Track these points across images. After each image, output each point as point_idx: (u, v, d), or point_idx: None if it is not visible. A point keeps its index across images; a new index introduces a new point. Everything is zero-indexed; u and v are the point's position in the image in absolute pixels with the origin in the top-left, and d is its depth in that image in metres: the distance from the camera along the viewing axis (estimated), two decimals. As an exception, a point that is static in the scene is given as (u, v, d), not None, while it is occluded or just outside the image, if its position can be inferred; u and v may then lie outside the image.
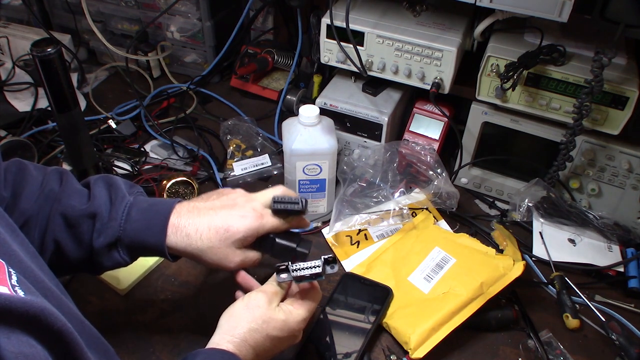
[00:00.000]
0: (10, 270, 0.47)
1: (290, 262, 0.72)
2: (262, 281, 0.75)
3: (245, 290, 0.76)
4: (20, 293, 0.46)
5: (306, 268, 0.71)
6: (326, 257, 0.71)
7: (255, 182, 1.13)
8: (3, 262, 0.48)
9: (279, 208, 0.76)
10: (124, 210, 0.71)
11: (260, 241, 0.77)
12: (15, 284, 0.46)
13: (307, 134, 0.95)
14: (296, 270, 0.71)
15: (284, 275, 0.71)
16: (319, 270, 0.70)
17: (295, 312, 0.71)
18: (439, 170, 1.01)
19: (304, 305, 0.72)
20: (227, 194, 0.79)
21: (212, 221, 0.73)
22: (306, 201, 0.77)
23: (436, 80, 1.00)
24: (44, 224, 0.70)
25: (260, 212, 0.76)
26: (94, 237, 0.71)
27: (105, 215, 0.71)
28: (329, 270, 0.71)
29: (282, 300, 0.73)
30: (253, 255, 0.76)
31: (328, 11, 1.00)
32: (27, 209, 0.70)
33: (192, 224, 0.73)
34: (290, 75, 1.28)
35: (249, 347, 0.67)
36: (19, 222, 0.69)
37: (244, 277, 0.77)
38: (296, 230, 0.86)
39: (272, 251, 0.78)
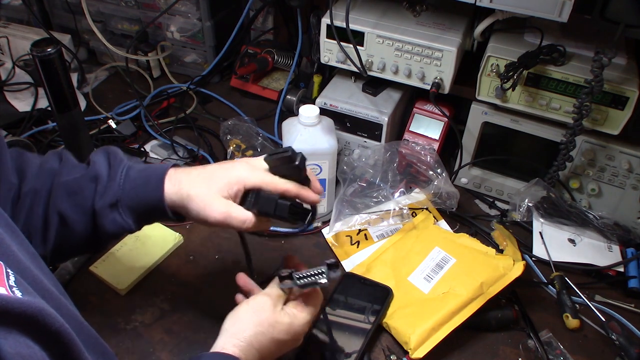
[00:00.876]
0: (8, 270, 0.47)
1: (293, 270, 0.71)
2: (263, 285, 0.75)
3: (245, 293, 0.76)
4: (18, 294, 0.46)
5: (310, 276, 0.70)
6: (329, 262, 0.70)
7: (255, 182, 1.13)
8: (1, 262, 0.48)
9: (270, 157, 0.71)
10: (122, 171, 0.71)
11: (249, 198, 0.71)
12: (13, 284, 0.46)
13: (307, 134, 0.95)
14: (301, 279, 0.70)
15: (287, 281, 0.71)
16: (324, 279, 0.70)
17: (300, 315, 0.71)
18: (439, 170, 1.01)
19: (307, 309, 0.72)
20: None
21: (206, 170, 0.73)
22: (303, 157, 0.70)
23: (436, 80, 1.00)
24: (46, 198, 0.71)
25: (252, 165, 0.73)
26: (96, 199, 0.70)
27: (105, 177, 0.71)
28: (332, 275, 0.70)
29: (285, 303, 0.73)
30: (240, 211, 0.70)
31: (328, 11, 1.00)
32: (31, 188, 0.71)
33: (185, 174, 0.72)
34: (290, 75, 1.28)
35: (254, 350, 0.66)
36: (25, 203, 0.70)
37: (244, 279, 0.77)
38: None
39: (259, 205, 0.71)
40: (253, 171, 0.72)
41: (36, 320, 0.44)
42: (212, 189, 0.70)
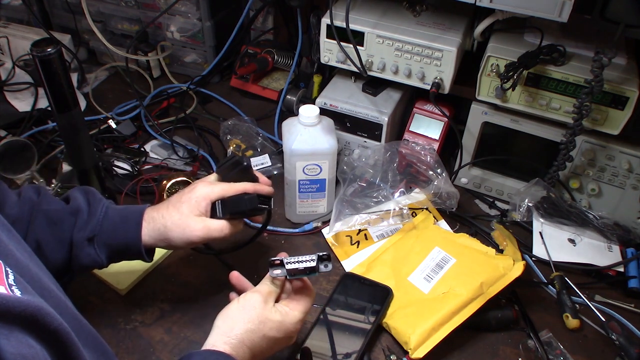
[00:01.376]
0: (7, 269, 0.47)
1: (284, 258, 0.72)
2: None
3: (239, 291, 0.76)
4: (17, 292, 0.46)
5: (300, 262, 0.71)
6: (320, 254, 0.71)
7: (255, 182, 1.13)
8: (0, 261, 0.48)
9: (220, 167, 0.82)
10: (102, 209, 0.77)
11: (216, 208, 0.79)
12: (12, 283, 0.46)
13: (307, 134, 0.95)
14: (290, 263, 0.71)
15: (277, 271, 0.72)
16: (312, 264, 0.71)
17: (292, 313, 0.71)
18: (439, 171, 1.01)
19: (299, 306, 0.72)
20: None
21: (170, 202, 0.79)
22: (246, 158, 0.81)
23: (436, 80, 1.00)
24: (25, 226, 0.74)
25: (207, 182, 0.81)
26: (75, 231, 0.74)
27: (85, 212, 0.76)
28: (322, 268, 0.71)
29: (277, 300, 0.73)
30: (215, 222, 0.77)
31: (328, 11, 1.00)
32: (11, 214, 0.73)
33: (157, 210, 0.79)
34: (290, 75, 1.28)
35: (245, 348, 0.67)
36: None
37: (237, 278, 0.78)
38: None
39: (229, 209, 0.79)
40: (212, 186, 0.80)
41: (35, 319, 0.44)
42: (184, 212, 0.77)
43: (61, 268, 0.75)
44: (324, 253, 0.72)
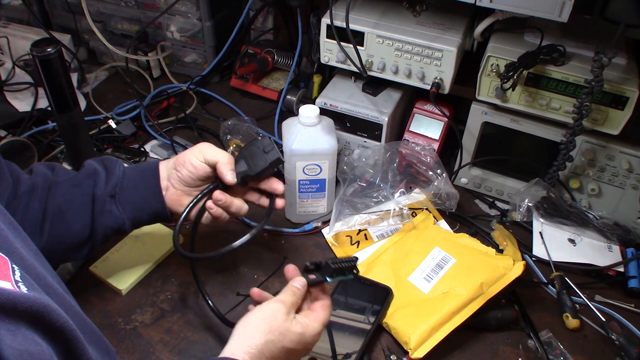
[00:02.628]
0: (14, 266, 0.48)
1: (328, 259, 0.71)
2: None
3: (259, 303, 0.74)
4: (24, 289, 0.46)
5: (344, 262, 0.70)
6: (353, 259, 0.72)
7: (255, 182, 1.13)
8: (6, 257, 0.48)
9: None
10: (119, 167, 0.79)
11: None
12: (19, 279, 0.46)
13: (307, 134, 0.95)
14: (334, 264, 0.70)
15: (316, 278, 0.70)
16: (354, 263, 0.71)
17: (312, 325, 0.69)
18: (438, 171, 1.01)
19: (319, 318, 0.70)
20: None
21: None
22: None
23: (436, 80, 1.00)
24: (44, 194, 0.75)
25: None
26: (96, 189, 0.76)
27: (103, 172, 0.78)
28: (355, 273, 0.72)
29: (297, 311, 0.71)
30: (223, 152, 0.81)
31: (328, 11, 1.00)
32: (26, 188, 0.75)
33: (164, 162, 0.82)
34: (290, 75, 1.28)
35: (264, 358, 0.65)
36: (22, 202, 0.74)
37: (259, 294, 0.75)
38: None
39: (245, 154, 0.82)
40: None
41: (42, 316, 0.44)
42: (199, 144, 0.82)
43: (83, 234, 0.76)
44: (354, 258, 0.72)
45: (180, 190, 0.81)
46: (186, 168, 0.80)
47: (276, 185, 0.84)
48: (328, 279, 0.70)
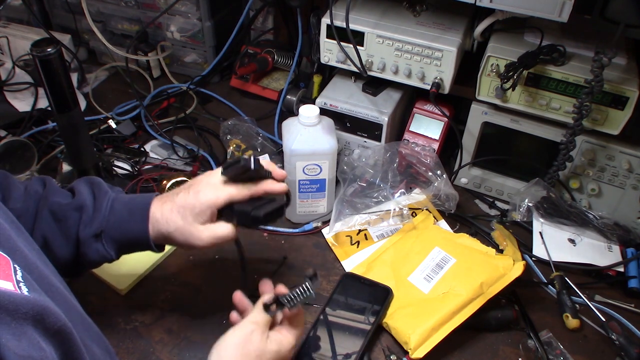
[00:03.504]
0: (16, 266, 0.48)
1: (279, 295, 0.71)
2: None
3: (241, 312, 0.75)
4: (24, 289, 0.46)
5: (297, 296, 0.70)
6: (308, 275, 0.70)
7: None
8: (8, 257, 0.48)
9: (226, 172, 0.74)
10: (107, 203, 0.74)
11: (224, 212, 0.75)
12: (20, 279, 0.46)
13: (307, 134, 0.95)
14: (290, 301, 0.70)
15: (273, 309, 0.70)
16: (312, 293, 0.70)
17: (286, 340, 0.70)
18: (438, 172, 1.01)
19: (292, 332, 0.71)
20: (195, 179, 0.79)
21: (174, 204, 0.74)
22: (255, 159, 0.72)
23: (436, 80, 1.00)
24: (31, 221, 0.72)
25: (213, 184, 0.75)
26: (80, 228, 0.73)
27: (90, 207, 0.73)
28: (315, 285, 0.70)
29: (271, 327, 0.71)
30: (223, 229, 0.74)
31: (328, 11, 1.00)
32: (17, 208, 0.72)
33: (161, 211, 0.74)
34: (290, 75, 1.28)
35: None
36: None
37: (240, 299, 0.75)
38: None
39: (236, 219, 0.75)
40: (218, 190, 0.74)
41: (42, 318, 0.44)
42: (188, 219, 0.73)
43: (70, 263, 0.74)
44: (309, 273, 0.71)
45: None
46: (185, 245, 0.75)
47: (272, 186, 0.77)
48: (288, 308, 0.70)
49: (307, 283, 0.70)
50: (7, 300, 0.41)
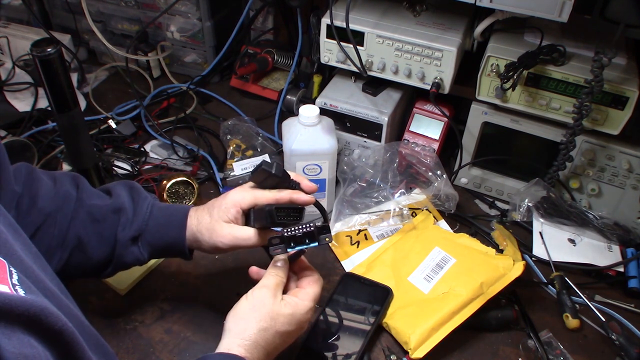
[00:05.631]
0: (12, 269, 0.47)
1: (283, 230, 0.71)
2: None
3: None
4: (21, 292, 0.45)
5: (298, 229, 0.70)
6: (319, 224, 0.71)
7: (255, 182, 1.13)
8: (4, 260, 0.48)
9: (252, 176, 0.76)
10: (148, 207, 0.77)
11: (251, 215, 0.76)
12: (16, 282, 0.46)
13: (307, 134, 0.95)
14: (288, 232, 0.70)
15: (277, 250, 0.70)
16: (310, 229, 0.70)
17: (302, 303, 0.70)
18: (438, 172, 1.01)
19: (308, 294, 0.71)
20: None
21: (208, 205, 0.78)
22: (277, 164, 0.74)
23: (436, 80, 1.00)
24: (65, 222, 0.73)
25: (244, 187, 0.78)
26: (119, 230, 0.74)
27: (130, 210, 0.75)
28: (322, 240, 0.71)
29: (285, 291, 0.71)
30: (243, 230, 0.75)
31: (328, 11, 1.00)
32: (45, 207, 0.73)
33: (195, 215, 0.78)
34: (290, 75, 1.28)
35: (260, 347, 0.66)
36: (38, 220, 0.72)
37: (257, 271, 0.75)
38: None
39: (253, 217, 0.76)
40: (245, 192, 0.76)
41: (39, 319, 0.44)
42: (214, 217, 0.75)
43: (102, 264, 0.76)
44: (323, 224, 0.71)
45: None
46: (207, 244, 0.76)
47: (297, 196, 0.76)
48: (289, 249, 0.71)
49: (311, 224, 0.70)
50: (2, 301, 0.41)
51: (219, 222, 0.75)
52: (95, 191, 0.78)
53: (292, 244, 0.71)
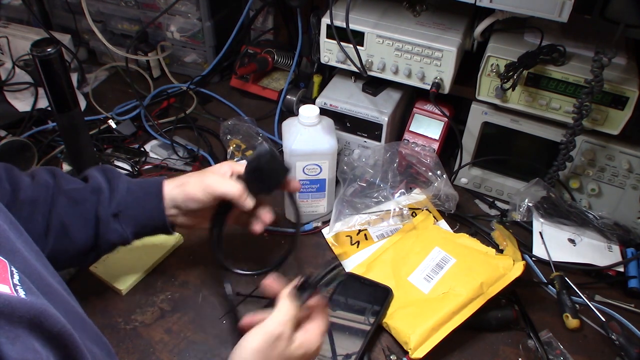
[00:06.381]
0: (13, 269, 0.47)
1: (307, 276, 0.65)
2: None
3: (272, 294, 0.66)
4: (21, 292, 0.45)
5: (326, 276, 0.64)
6: (334, 265, 0.66)
7: (255, 182, 1.13)
8: (5, 260, 0.48)
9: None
10: (124, 184, 0.78)
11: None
12: (17, 283, 0.46)
13: (307, 134, 0.95)
14: (319, 280, 0.64)
15: (305, 295, 0.64)
16: (339, 272, 0.65)
17: (313, 340, 0.63)
18: (438, 172, 1.01)
19: (319, 328, 0.64)
20: None
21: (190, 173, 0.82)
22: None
23: (436, 80, 1.00)
24: (47, 208, 0.74)
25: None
26: (99, 209, 0.75)
27: (106, 189, 0.77)
28: (341, 274, 0.67)
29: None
30: (229, 183, 0.77)
31: (328, 11, 1.00)
32: (27, 198, 0.74)
33: (172, 182, 0.80)
34: (290, 75, 1.28)
35: None
36: (22, 211, 0.73)
37: (271, 284, 0.66)
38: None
39: (247, 174, 0.79)
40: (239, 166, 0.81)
41: (39, 321, 0.44)
42: (206, 171, 0.80)
43: (87, 247, 0.76)
44: (336, 263, 0.69)
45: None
46: (190, 204, 0.78)
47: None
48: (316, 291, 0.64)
49: (334, 265, 0.66)
50: (3, 303, 0.41)
51: (206, 173, 0.79)
52: (72, 178, 0.79)
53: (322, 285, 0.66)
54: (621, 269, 0.95)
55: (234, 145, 1.17)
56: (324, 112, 1.06)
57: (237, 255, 0.97)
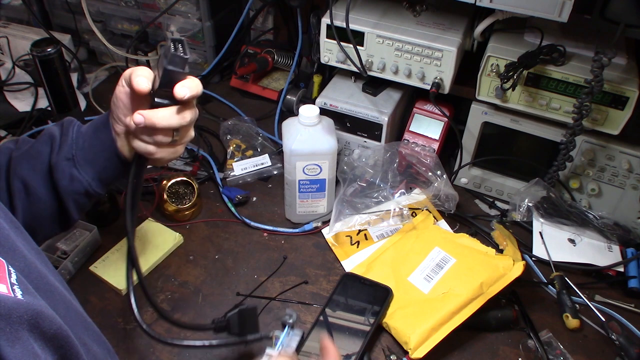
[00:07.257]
0: (10, 268, 0.47)
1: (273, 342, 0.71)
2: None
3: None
4: (19, 292, 0.45)
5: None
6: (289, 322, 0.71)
7: (255, 182, 1.13)
8: (3, 260, 0.48)
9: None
10: (73, 128, 0.72)
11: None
12: (15, 282, 0.46)
13: (307, 134, 0.95)
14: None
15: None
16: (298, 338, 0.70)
17: None
18: (438, 172, 1.01)
19: None
20: None
21: None
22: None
23: (436, 80, 1.00)
24: (6, 170, 0.70)
25: None
26: (52, 156, 0.70)
27: (58, 136, 0.71)
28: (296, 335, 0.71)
29: None
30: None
31: (328, 11, 1.00)
32: None
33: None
34: (290, 75, 1.28)
35: None
36: None
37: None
38: None
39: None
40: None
41: (36, 322, 0.44)
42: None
43: (53, 205, 0.71)
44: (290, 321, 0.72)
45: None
46: (117, 105, 0.69)
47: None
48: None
49: (287, 331, 0.71)
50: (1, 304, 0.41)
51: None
52: (31, 139, 0.74)
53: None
54: (621, 269, 0.95)
55: (234, 145, 1.17)
56: (324, 112, 1.06)
57: (235, 255, 0.96)
